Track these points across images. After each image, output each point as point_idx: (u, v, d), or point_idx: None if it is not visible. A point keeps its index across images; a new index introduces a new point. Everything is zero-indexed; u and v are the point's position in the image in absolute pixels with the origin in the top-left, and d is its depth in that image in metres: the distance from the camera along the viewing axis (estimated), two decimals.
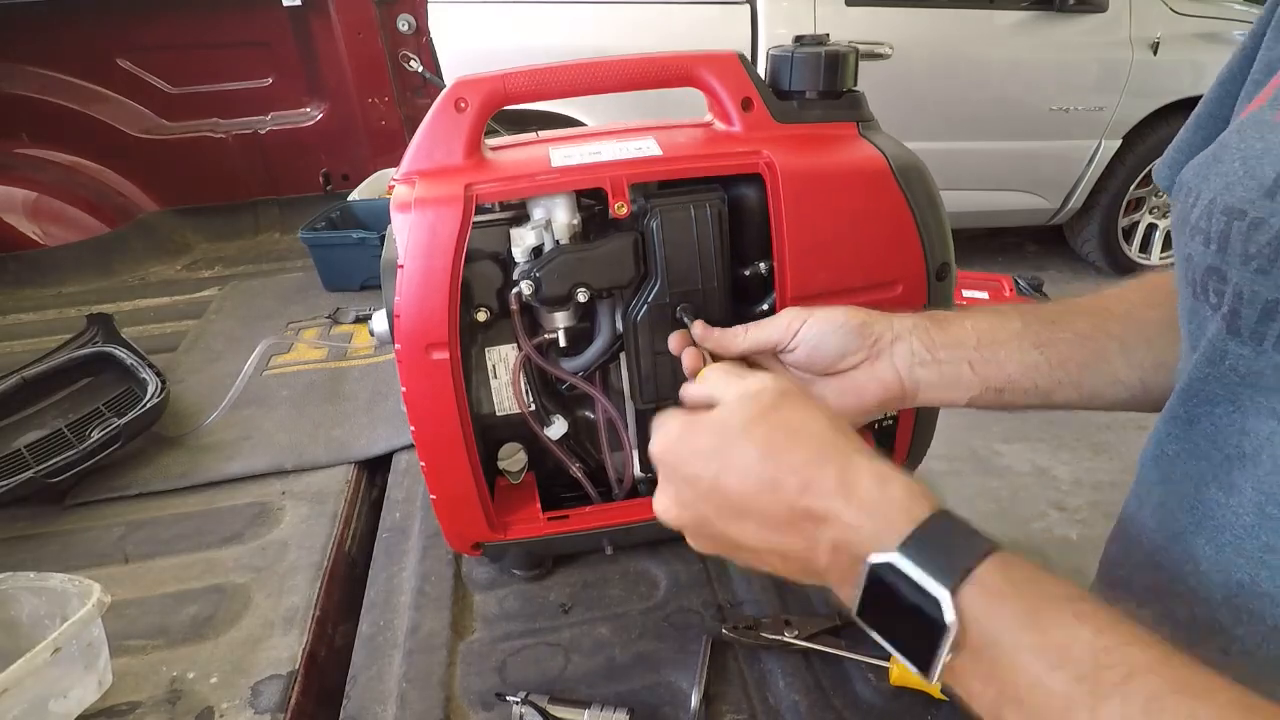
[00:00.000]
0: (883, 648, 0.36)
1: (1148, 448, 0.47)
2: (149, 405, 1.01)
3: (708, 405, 0.45)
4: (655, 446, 0.45)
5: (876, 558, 0.34)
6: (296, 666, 0.70)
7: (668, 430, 0.44)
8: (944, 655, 0.33)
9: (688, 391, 0.49)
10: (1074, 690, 0.30)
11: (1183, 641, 0.31)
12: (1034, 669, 0.31)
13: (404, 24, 1.88)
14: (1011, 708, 0.32)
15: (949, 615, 0.32)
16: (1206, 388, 0.40)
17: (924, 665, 0.34)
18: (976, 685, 0.33)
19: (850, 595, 0.36)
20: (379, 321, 0.65)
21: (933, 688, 0.60)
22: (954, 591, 0.32)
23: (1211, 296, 0.39)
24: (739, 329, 0.57)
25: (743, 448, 0.40)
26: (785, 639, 0.66)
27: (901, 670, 0.62)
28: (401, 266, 0.61)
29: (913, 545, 0.34)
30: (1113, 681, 0.29)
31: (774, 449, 0.39)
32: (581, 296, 0.64)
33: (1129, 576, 0.48)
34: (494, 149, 0.69)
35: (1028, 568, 0.34)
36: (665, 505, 0.45)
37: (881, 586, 0.34)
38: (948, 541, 0.34)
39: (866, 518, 0.36)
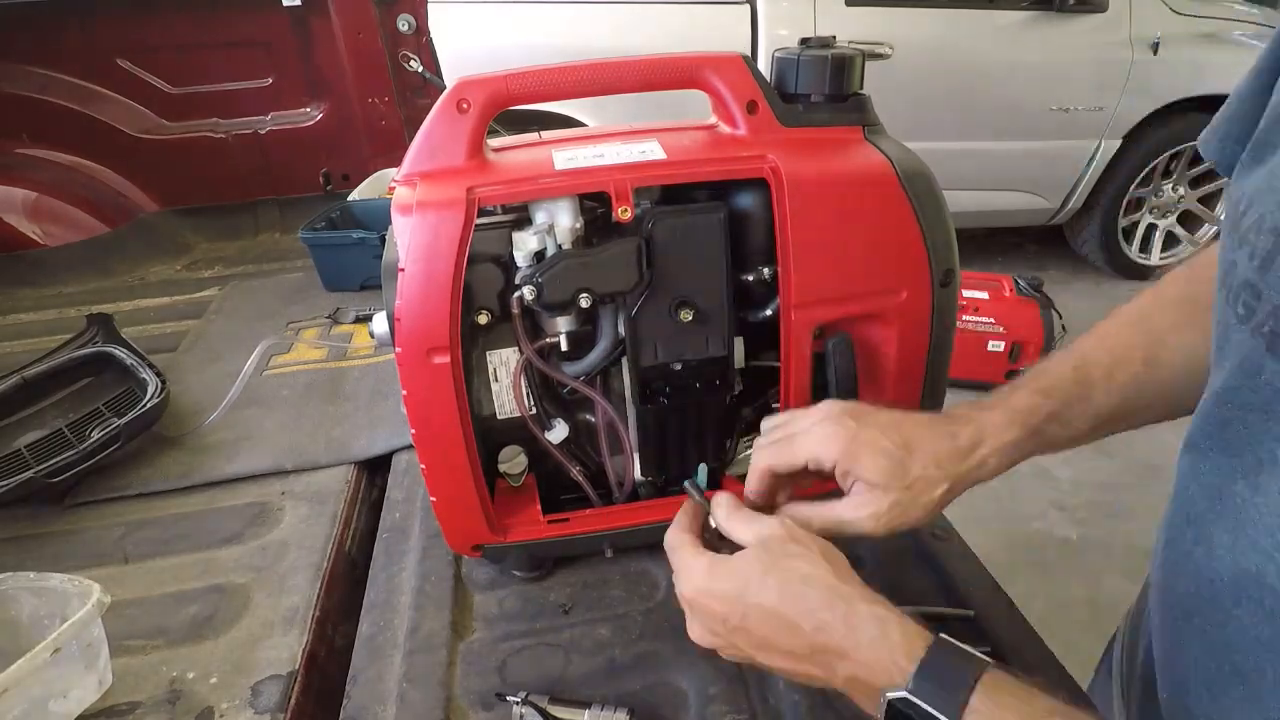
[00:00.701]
0: None
1: (1184, 440, 0.49)
2: (149, 405, 1.01)
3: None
4: (684, 589, 0.51)
5: (892, 695, 0.42)
6: (296, 666, 0.70)
7: (693, 574, 0.51)
8: None
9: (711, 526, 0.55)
10: None
11: (1179, 611, 0.39)
12: None
13: (404, 24, 1.88)
14: None
15: None
16: (1240, 396, 0.42)
17: None
18: None
19: (872, 712, 0.44)
20: (379, 324, 0.65)
21: None
22: (958, 716, 0.39)
23: (1241, 309, 0.41)
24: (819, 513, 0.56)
25: (762, 594, 0.47)
26: None
27: None
28: (402, 270, 0.61)
29: (919, 680, 0.41)
30: None
31: (789, 595, 0.47)
32: (584, 302, 0.64)
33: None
34: (496, 150, 0.69)
35: (1016, 690, 0.41)
36: (700, 634, 0.52)
37: (897, 716, 0.42)
38: (948, 674, 0.41)
39: (874, 658, 0.43)
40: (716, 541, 0.54)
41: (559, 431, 0.72)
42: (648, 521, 0.75)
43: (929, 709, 0.40)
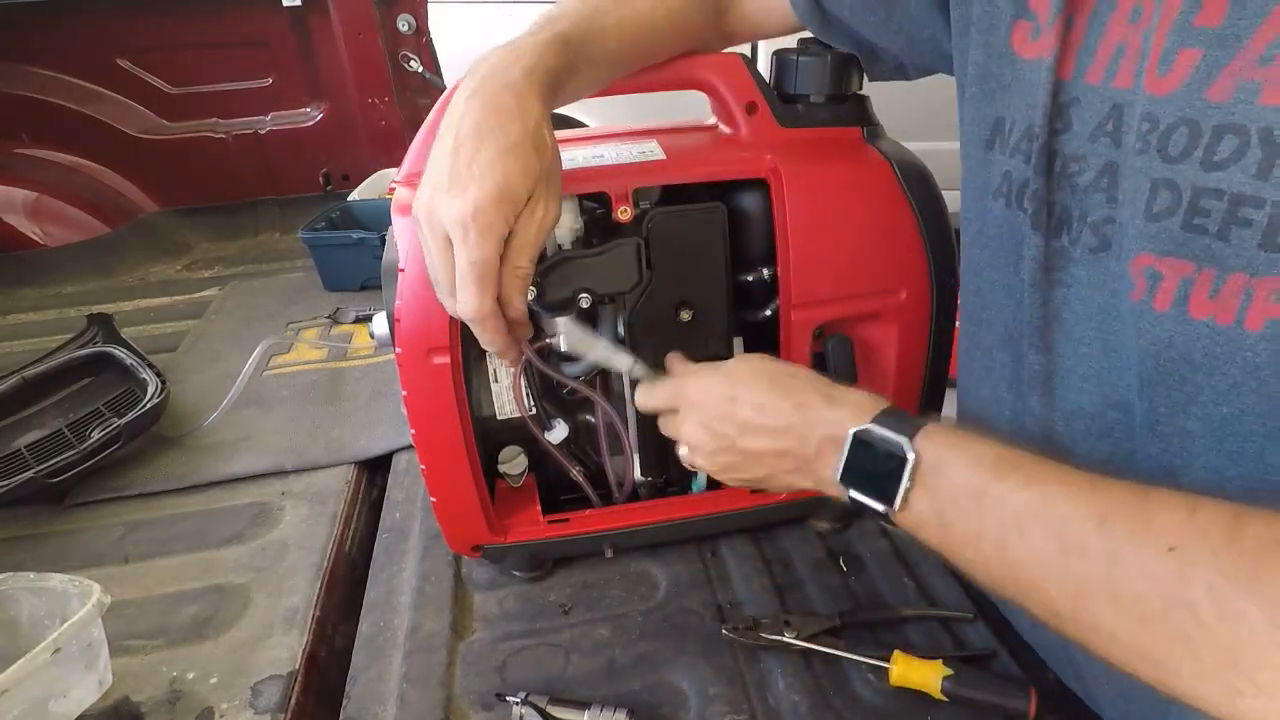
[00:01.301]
0: (858, 504, 0.50)
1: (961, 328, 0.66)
2: (149, 405, 1.01)
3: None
4: (688, 389, 0.59)
5: (855, 428, 0.49)
6: (296, 667, 0.70)
7: (696, 374, 0.60)
8: (905, 483, 0.46)
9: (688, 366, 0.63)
10: (987, 476, 0.44)
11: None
12: (960, 470, 0.45)
13: (404, 24, 1.87)
14: (944, 504, 0.46)
15: (909, 452, 0.46)
16: (997, 273, 0.58)
17: (889, 497, 0.47)
18: (923, 504, 0.46)
19: (833, 466, 0.50)
20: (379, 324, 0.65)
21: (933, 688, 0.61)
22: (911, 438, 0.47)
23: (1011, 200, 0.56)
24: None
25: (753, 383, 0.56)
26: (785, 639, 0.66)
27: (902, 670, 0.62)
28: (402, 270, 0.61)
29: (879, 419, 0.49)
30: (1009, 471, 0.43)
31: (775, 383, 0.55)
32: (584, 302, 0.64)
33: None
34: None
35: (955, 428, 0.48)
36: (691, 430, 0.59)
37: (858, 448, 0.49)
38: (903, 416, 0.49)
39: (845, 412, 0.51)
40: None
41: (559, 432, 0.72)
42: (648, 522, 0.75)
43: (886, 434, 0.48)
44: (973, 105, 0.57)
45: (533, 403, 0.71)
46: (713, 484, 0.78)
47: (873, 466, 0.48)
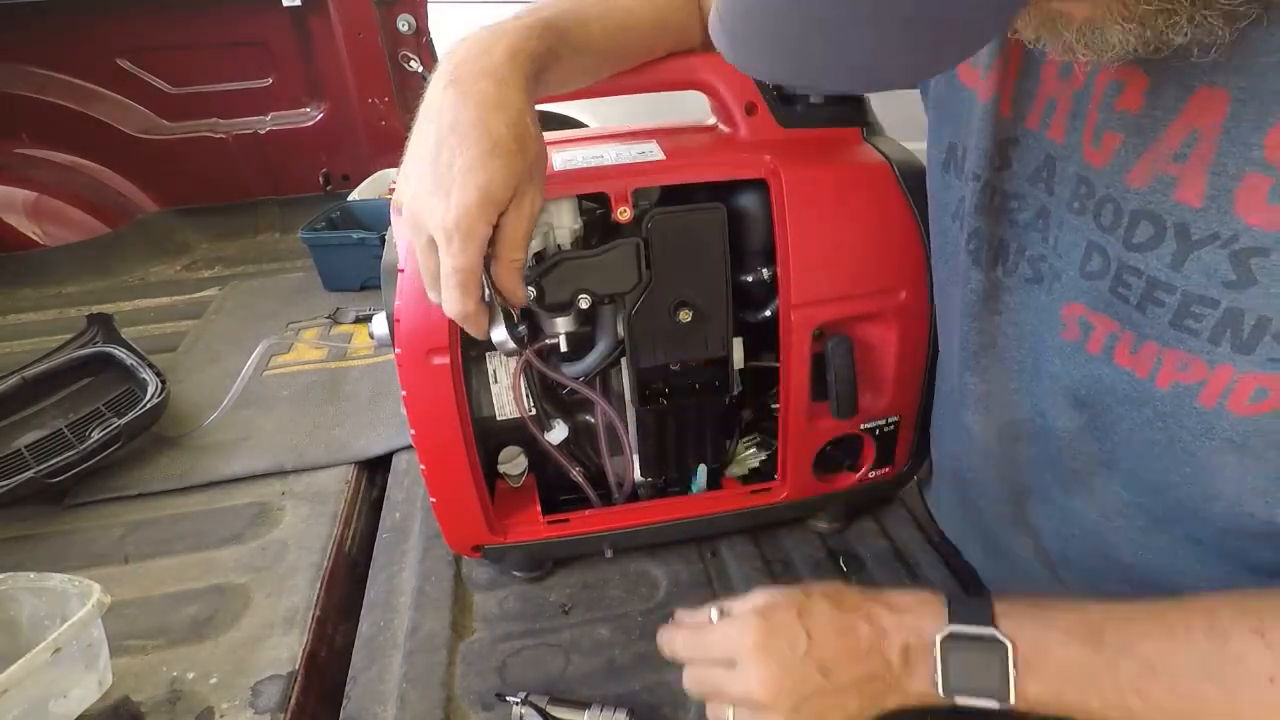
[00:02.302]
0: (970, 708, 0.47)
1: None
2: (149, 405, 1.02)
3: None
4: (751, 633, 0.50)
5: (941, 633, 0.47)
6: (296, 666, 0.70)
7: (746, 620, 0.51)
8: (1012, 673, 0.45)
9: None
10: (1084, 645, 0.44)
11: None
12: (1061, 652, 0.45)
13: (404, 24, 1.87)
14: (1059, 686, 0.45)
15: (1005, 640, 0.46)
16: (947, 301, 0.61)
17: (1002, 693, 0.46)
18: (1035, 688, 0.45)
19: (929, 678, 0.48)
20: (379, 325, 0.65)
21: None
22: (995, 625, 0.46)
23: (957, 227, 0.59)
24: None
25: (818, 609, 0.50)
26: None
27: None
28: (402, 270, 0.61)
29: (955, 616, 0.48)
30: (1101, 638, 0.44)
31: (840, 603, 0.51)
32: (583, 303, 0.64)
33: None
34: None
35: (1021, 601, 0.48)
36: (766, 675, 0.49)
37: (950, 652, 0.47)
38: (968, 604, 0.48)
39: (915, 618, 0.49)
40: None
41: (558, 432, 0.72)
42: (647, 522, 0.75)
43: (972, 629, 0.47)
44: (932, 128, 0.58)
45: (532, 403, 0.71)
46: (713, 484, 0.78)
47: (972, 667, 0.47)
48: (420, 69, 1.89)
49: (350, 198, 1.66)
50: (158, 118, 1.88)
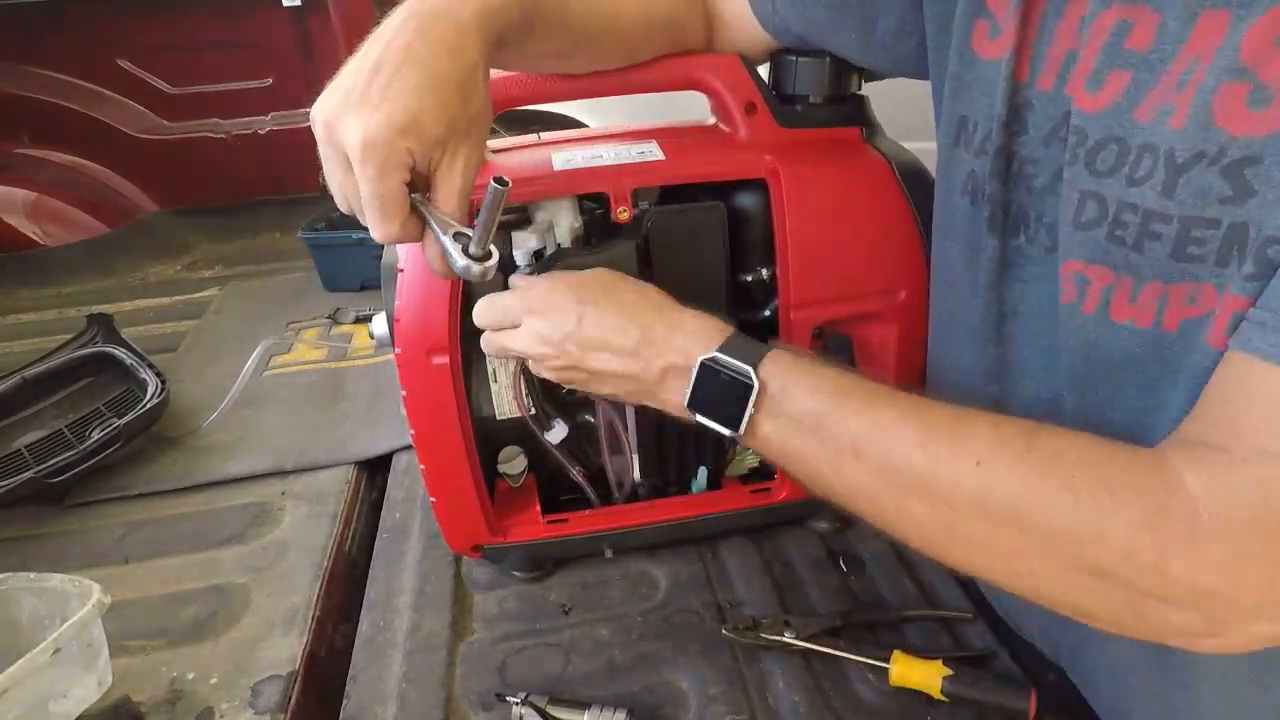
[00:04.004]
0: (704, 427, 0.52)
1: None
2: (149, 405, 1.02)
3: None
4: (529, 300, 0.57)
5: (703, 356, 0.51)
6: (296, 666, 0.70)
7: (536, 286, 0.57)
8: (750, 410, 0.49)
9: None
10: (826, 403, 0.48)
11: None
12: (802, 397, 0.49)
13: None
14: (787, 430, 0.49)
15: (754, 380, 0.49)
16: (959, 266, 0.59)
17: (735, 423, 0.50)
18: (766, 427, 0.50)
19: (680, 393, 0.52)
20: (379, 325, 0.65)
21: (933, 688, 0.61)
22: (755, 366, 0.49)
23: (971, 197, 0.57)
24: None
25: (598, 299, 0.55)
26: (785, 639, 0.66)
27: (902, 670, 0.62)
28: (401, 270, 0.61)
29: (725, 347, 0.51)
30: (846, 398, 0.48)
31: (622, 303, 0.55)
32: None
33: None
34: (495, 151, 0.69)
35: (798, 354, 0.51)
36: (531, 342, 0.57)
37: (705, 375, 0.51)
38: (748, 343, 0.52)
39: (690, 341, 0.52)
40: None
41: (558, 432, 0.72)
42: (648, 522, 0.75)
43: (731, 362, 0.50)
44: (945, 106, 0.57)
45: (532, 402, 0.71)
46: (713, 484, 0.78)
47: (718, 394, 0.50)
48: None
49: None
50: (158, 118, 1.88)
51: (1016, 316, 0.55)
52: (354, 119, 0.45)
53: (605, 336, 0.54)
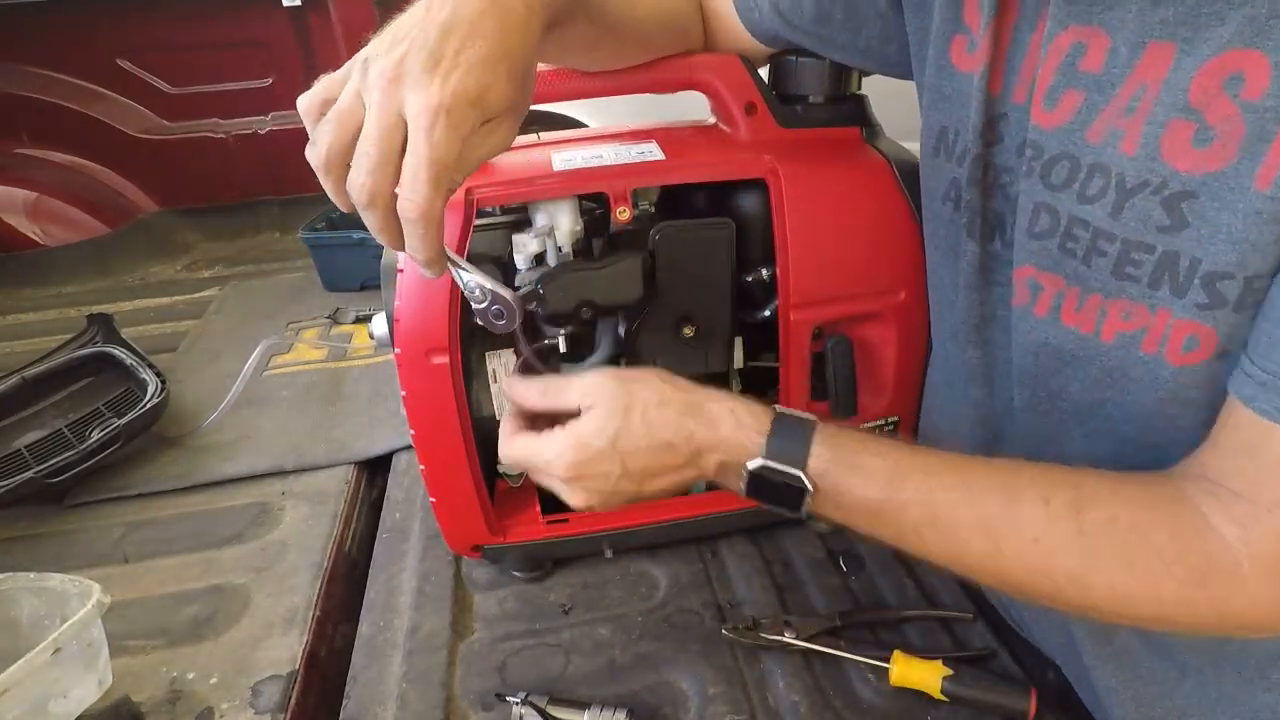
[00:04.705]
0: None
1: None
2: (149, 405, 1.01)
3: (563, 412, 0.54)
4: (559, 469, 0.52)
5: (752, 465, 0.50)
6: (296, 666, 0.70)
7: (561, 450, 0.52)
8: (808, 503, 0.50)
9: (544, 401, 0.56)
10: (881, 493, 0.49)
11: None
12: (857, 489, 0.49)
13: None
14: (849, 517, 0.50)
15: (807, 483, 0.49)
16: (943, 274, 0.60)
17: (796, 511, 0.51)
18: (828, 510, 0.51)
19: (736, 485, 0.52)
20: (379, 325, 0.65)
21: (933, 688, 0.61)
22: (804, 468, 0.49)
23: (950, 205, 0.58)
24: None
25: (631, 434, 0.52)
26: (785, 639, 0.66)
27: (902, 670, 0.62)
28: (401, 271, 0.61)
29: (770, 452, 0.50)
30: (899, 486, 0.48)
31: (654, 423, 0.52)
32: (585, 314, 0.63)
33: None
34: None
35: (847, 433, 0.51)
36: (585, 500, 0.54)
37: (759, 480, 0.51)
38: (790, 440, 0.50)
39: (734, 442, 0.51)
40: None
41: None
42: (648, 522, 0.75)
43: (782, 467, 0.50)
44: (926, 113, 0.59)
45: None
46: (712, 484, 0.78)
47: (774, 493, 0.51)
48: None
49: None
50: (158, 118, 1.88)
51: (995, 320, 0.57)
52: (425, 78, 0.42)
53: (655, 465, 0.52)
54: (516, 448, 0.54)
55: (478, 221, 0.62)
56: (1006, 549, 0.46)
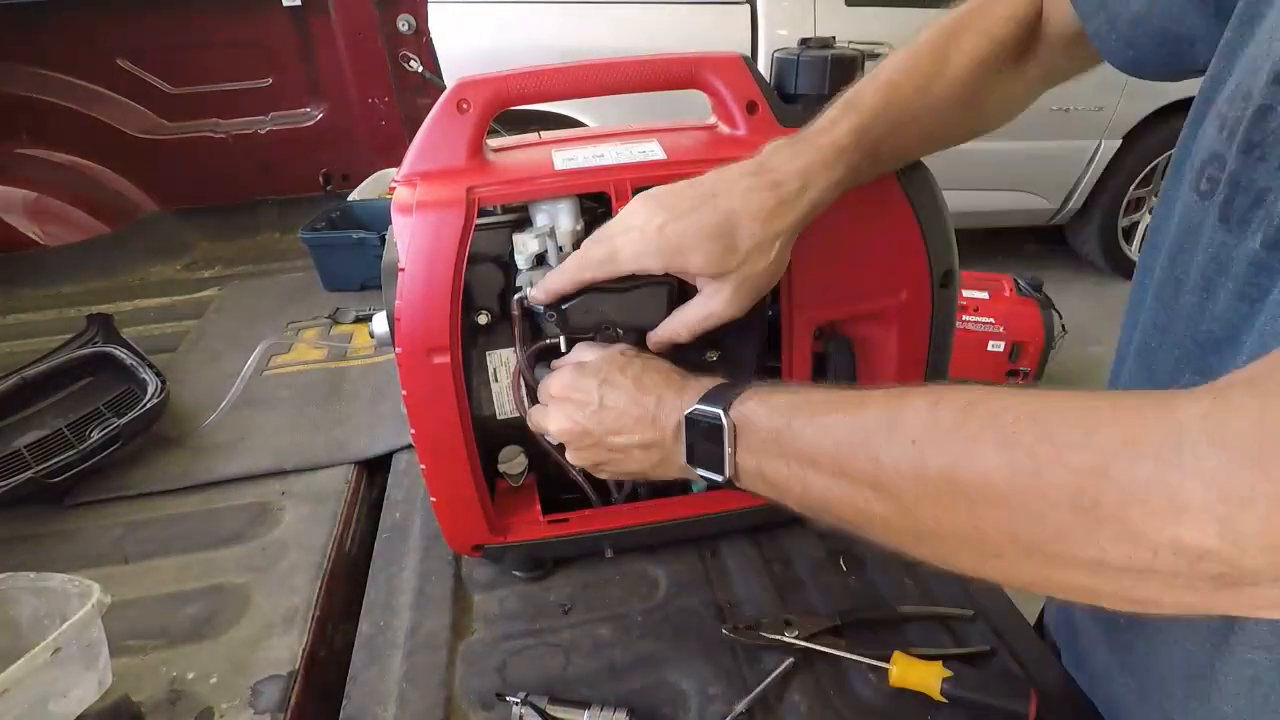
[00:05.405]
0: (711, 482, 0.53)
1: (1125, 335, 0.57)
2: (149, 405, 1.01)
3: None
4: (553, 386, 0.61)
5: (685, 412, 0.53)
6: (296, 666, 0.70)
7: (561, 373, 0.61)
8: (728, 448, 0.50)
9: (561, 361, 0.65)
10: (782, 419, 0.48)
11: None
12: (761, 424, 0.49)
13: (404, 24, 1.87)
14: (761, 459, 0.49)
15: (724, 419, 0.50)
16: (1178, 272, 0.48)
17: (721, 467, 0.51)
18: (747, 462, 0.50)
19: (681, 452, 0.54)
20: (379, 324, 0.65)
21: (932, 689, 0.61)
22: (726, 408, 0.50)
23: (1204, 184, 0.45)
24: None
25: (618, 380, 0.58)
26: (785, 639, 0.66)
27: (901, 671, 0.62)
28: (402, 269, 0.61)
29: (706, 397, 0.52)
30: (799, 410, 0.47)
31: (639, 376, 0.57)
32: (608, 332, 0.63)
33: None
34: (496, 150, 0.69)
35: (770, 386, 0.52)
36: (560, 423, 0.60)
37: (690, 429, 0.52)
38: (724, 391, 0.52)
39: (685, 398, 0.54)
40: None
41: None
42: (648, 522, 0.75)
43: (705, 409, 0.51)
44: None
45: (532, 402, 0.71)
46: (711, 485, 0.78)
47: (704, 443, 0.52)
48: (420, 69, 1.89)
49: (350, 198, 1.66)
50: (158, 118, 1.88)
51: (1226, 345, 0.44)
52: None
53: (623, 409, 0.57)
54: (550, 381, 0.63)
55: (479, 221, 0.62)
56: (885, 461, 0.41)
